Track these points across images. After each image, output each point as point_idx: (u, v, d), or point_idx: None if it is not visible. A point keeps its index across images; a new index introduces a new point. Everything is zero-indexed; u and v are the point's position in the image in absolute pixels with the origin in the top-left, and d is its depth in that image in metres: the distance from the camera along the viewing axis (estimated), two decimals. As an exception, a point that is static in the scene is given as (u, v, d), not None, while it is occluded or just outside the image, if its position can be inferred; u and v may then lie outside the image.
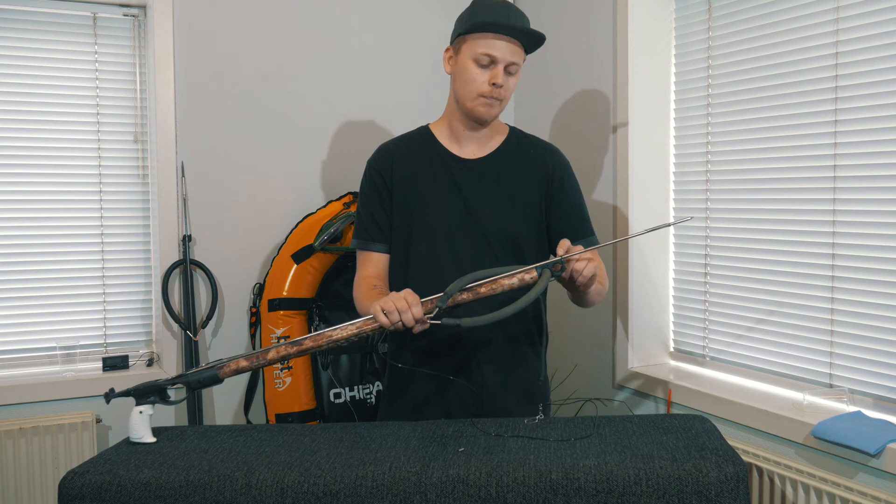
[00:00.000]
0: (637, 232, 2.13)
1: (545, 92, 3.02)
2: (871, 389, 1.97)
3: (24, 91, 2.60)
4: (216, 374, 1.63)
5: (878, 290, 1.94)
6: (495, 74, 1.77)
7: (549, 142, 2.00)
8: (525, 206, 1.86)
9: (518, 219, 1.85)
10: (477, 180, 1.85)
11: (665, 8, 2.56)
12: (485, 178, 1.86)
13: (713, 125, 2.41)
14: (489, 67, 1.77)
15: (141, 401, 1.61)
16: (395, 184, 1.87)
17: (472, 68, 1.78)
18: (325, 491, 1.40)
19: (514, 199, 1.85)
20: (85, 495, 1.42)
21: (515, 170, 1.87)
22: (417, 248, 1.84)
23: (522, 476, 1.40)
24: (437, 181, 1.85)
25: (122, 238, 2.74)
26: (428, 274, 1.81)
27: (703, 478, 1.39)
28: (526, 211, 1.86)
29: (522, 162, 1.89)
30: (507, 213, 1.84)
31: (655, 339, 2.61)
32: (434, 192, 1.85)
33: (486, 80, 1.77)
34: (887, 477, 1.79)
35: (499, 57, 1.76)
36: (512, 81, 1.80)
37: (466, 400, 1.83)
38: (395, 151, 1.91)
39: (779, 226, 2.20)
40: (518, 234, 1.85)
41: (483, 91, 1.78)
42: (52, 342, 2.65)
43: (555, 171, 1.90)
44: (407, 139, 1.95)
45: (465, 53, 1.79)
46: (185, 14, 2.71)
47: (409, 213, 1.86)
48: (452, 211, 1.84)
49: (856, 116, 1.98)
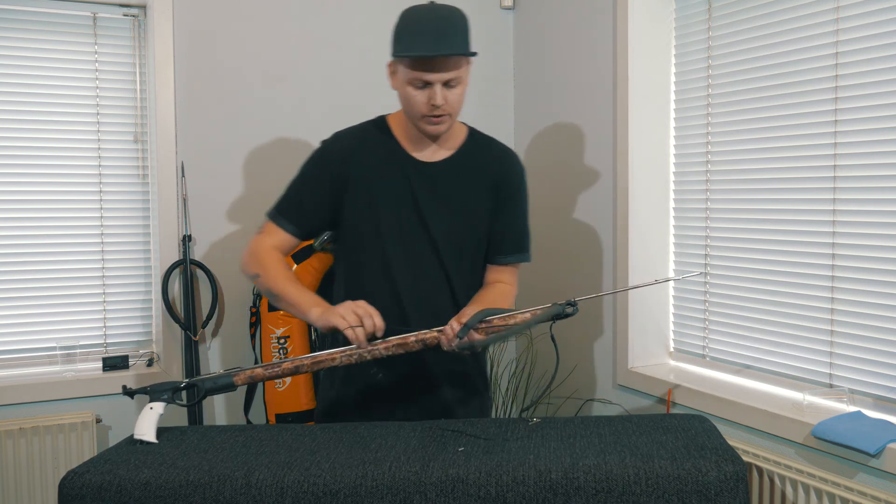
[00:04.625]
0: (638, 284, 2.17)
1: (545, 92, 3.02)
2: (871, 389, 1.97)
3: (24, 91, 2.60)
4: (231, 381, 1.66)
5: (878, 290, 1.94)
6: (432, 95, 1.71)
7: (518, 143, 2.00)
8: (475, 213, 1.86)
9: (468, 226, 1.86)
10: (431, 185, 1.84)
11: (665, 8, 2.56)
12: (439, 184, 1.84)
13: (713, 125, 2.41)
14: (426, 88, 1.72)
15: (155, 398, 1.64)
16: (352, 178, 1.83)
17: (409, 90, 1.73)
18: (325, 491, 1.40)
19: (466, 206, 1.85)
20: (85, 495, 1.42)
21: (470, 176, 1.86)
22: (371, 246, 1.83)
23: (522, 475, 1.40)
24: (394, 182, 1.83)
25: (122, 238, 2.74)
26: (379, 272, 1.83)
27: (703, 477, 1.39)
28: (475, 218, 1.87)
29: (478, 168, 1.87)
30: (457, 220, 1.84)
31: (655, 339, 2.61)
32: (390, 193, 1.83)
33: (426, 100, 1.73)
34: (887, 477, 1.79)
35: (432, 79, 1.70)
36: (456, 93, 1.74)
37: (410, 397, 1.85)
38: (354, 145, 1.86)
39: (779, 226, 2.20)
40: (465, 240, 1.86)
41: (425, 112, 1.74)
42: (52, 342, 2.65)
43: (507, 178, 1.90)
44: (365, 132, 1.89)
45: (401, 76, 1.74)
46: (185, 14, 2.71)
47: (363, 211, 1.83)
48: (406, 213, 1.83)
49: (856, 116, 1.98)
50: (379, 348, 1.66)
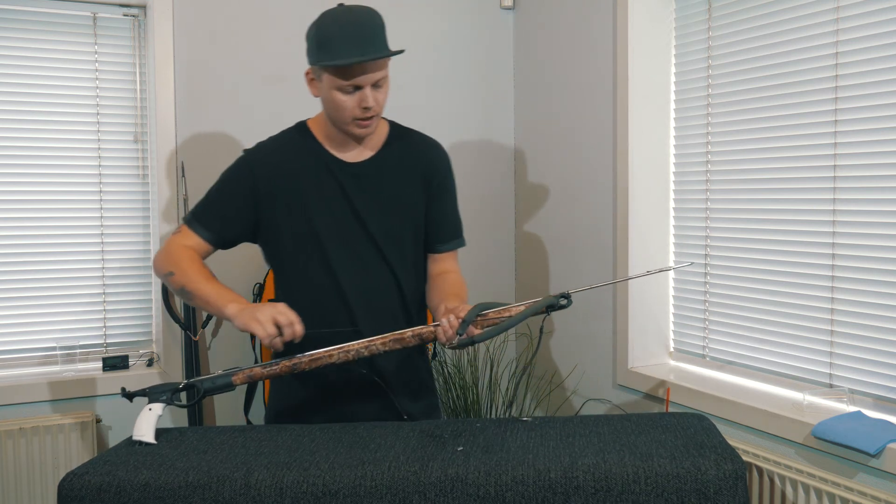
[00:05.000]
0: (630, 276, 2.19)
1: (545, 92, 3.02)
2: (871, 389, 1.97)
3: (24, 91, 2.60)
4: (230, 381, 1.67)
5: (878, 290, 1.94)
6: (363, 98, 1.71)
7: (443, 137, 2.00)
8: (409, 206, 1.87)
9: (404, 220, 1.87)
10: (362, 185, 1.84)
11: (665, 8, 2.56)
12: (370, 182, 1.84)
13: (713, 125, 2.40)
14: (356, 92, 1.72)
15: (154, 399, 1.64)
16: (279, 192, 1.82)
17: (338, 97, 1.73)
18: (325, 491, 1.40)
19: (399, 200, 1.86)
20: (84, 496, 1.42)
21: (398, 170, 1.87)
22: (306, 253, 1.83)
23: (521, 475, 1.40)
24: (324, 187, 1.82)
25: (122, 238, 2.74)
26: (324, 278, 1.82)
27: (702, 476, 1.39)
28: (410, 211, 1.88)
29: (405, 161, 1.88)
30: (393, 215, 1.85)
31: (655, 338, 2.61)
32: (322, 199, 1.82)
33: (356, 104, 1.72)
34: (887, 477, 1.79)
35: (363, 83, 1.70)
36: (383, 92, 1.75)
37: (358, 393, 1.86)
38: (277, 158, 1.85)
39: (779, 226, 2.19)
40: (403, 234, 1.87)
41: (356, 115, 1.74)
42: (52, 342, 2.65)
43: (436, 169, 1.91)
44: (288, 140, 1.89)
45: (327, 83, 1.73)
46: (185, 14, 2.71)
47: (298, 220, 1.82)
48: (342, 217, 1.82)
49: (856, 116, 1.98)
50: (376, 344, 1.67)
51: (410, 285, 1.88)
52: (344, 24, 1.70)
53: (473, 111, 3.17)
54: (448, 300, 1.75)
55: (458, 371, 2.94)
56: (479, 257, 3.16)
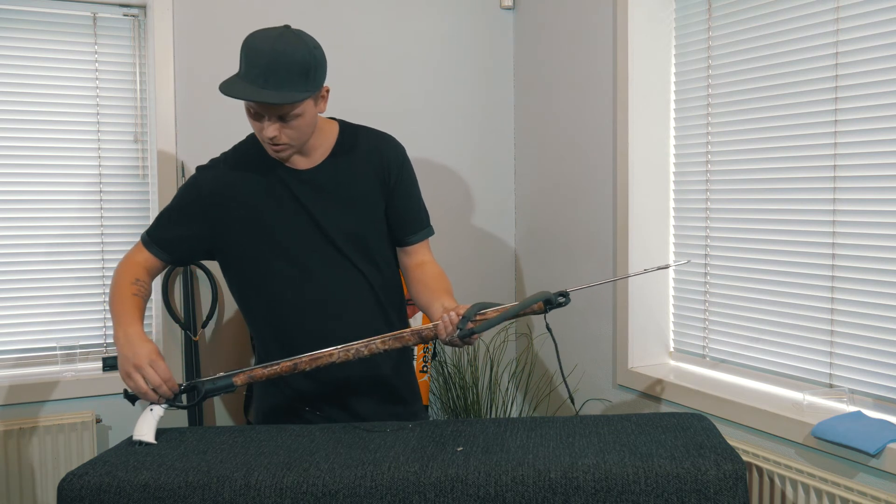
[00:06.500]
0: (628, 274, 2.20)
1: (545, 92, 3.02)
2: (871, 389, 1.97)
3: (24, 91, 2.60)
4: (231, 382, 1.67)
5: (878, 290, 1.94)
6: (265, 128, 1.69)
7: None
8: (367, 205, 1.86)
9: (364, 219, 1.86)
10: (317, 191, 1.82)
11: (665, 8, 2.56)
12: (324, 187, 1.83)
13: (713, 125, 2.40)
14: (260, 119, 1.70)
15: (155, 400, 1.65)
16: (234, 213, 1.81)
17: (248, 117, 1.72)
18: (324, 491, 1.40)
19: (356, 201, 1.85)
20: (84, 497, 1.42)
21: (353, 170, 1.85)
22: (274, 269, 1.82)
23: (521, 475, 1.40)
24: (279, 199, 1.82)
25: (122, 238, 2.74)
26: (288, 291, 1.82)
27: (702, 476, 1.39)
28: (368, 209, 1.86)
29: (358, 160, 1.86)
30: (353, 217, 1.84)
31: (655, 339, 2.61)
32: (279, 211, 1.81)
33: (260, 130, 1.71)
34: (887, 477, 1.79)
35: (261, 113, 1.68)
36: (295, 126, 1.70)
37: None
38: (230, 177, 1.84)
39: (779, 226, 2.19)
40: (365, 233, 1.86)
41: (265, 140, 1.72)
42: (52, 342, 2.65)
43: (392, 162, 1.89)
44: (241, 154, 1.87)
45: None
46: (185, 14, 2.71)
47: (257, 237, 1.82)
48: (301, 226, 1.82)
49: (856, 116, 1.98)
50: (376, 343, 1.67)
51: (382, 282, 1.88)
52: (259, 52, 1.65)
53: (473, 111, 3.17)
54: (443, 299, 1.76)
55: (458, 371, 2.94)
56: (480, 257, 3.16)
